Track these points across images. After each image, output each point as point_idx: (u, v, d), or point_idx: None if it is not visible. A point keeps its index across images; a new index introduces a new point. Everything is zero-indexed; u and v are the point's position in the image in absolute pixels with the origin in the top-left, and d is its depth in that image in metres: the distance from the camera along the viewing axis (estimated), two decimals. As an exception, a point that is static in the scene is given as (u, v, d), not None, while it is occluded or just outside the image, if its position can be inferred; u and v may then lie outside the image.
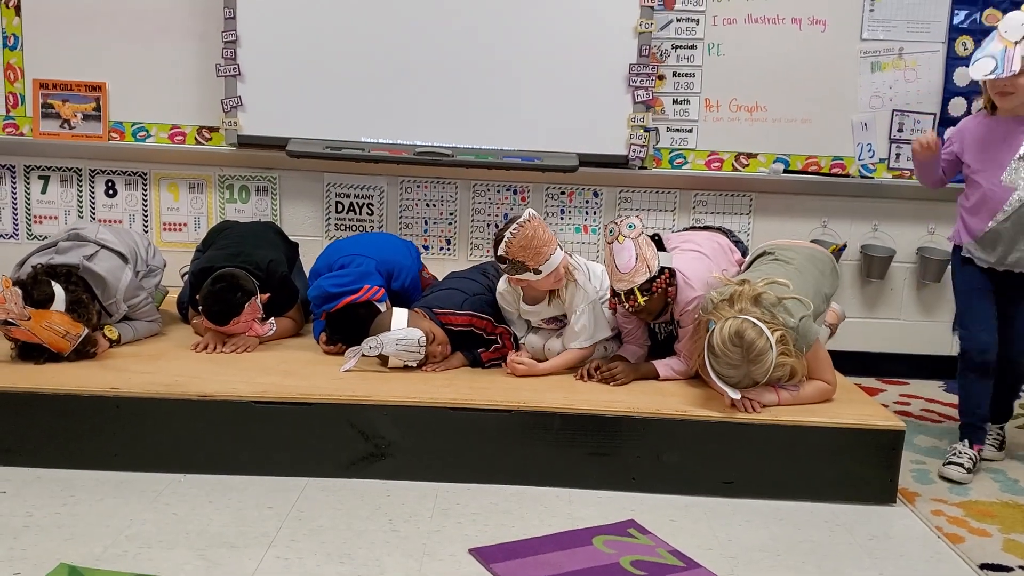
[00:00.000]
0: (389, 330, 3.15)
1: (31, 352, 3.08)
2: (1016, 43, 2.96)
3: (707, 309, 2.98)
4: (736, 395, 2.84)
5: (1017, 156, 3.07)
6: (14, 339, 3.08)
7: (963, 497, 3.04)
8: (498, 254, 3.15)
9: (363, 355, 3.14)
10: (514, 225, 3.11)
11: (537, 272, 3.14)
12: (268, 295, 3.40)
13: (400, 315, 3.21)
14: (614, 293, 3.17)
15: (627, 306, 3.13)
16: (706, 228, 3.80)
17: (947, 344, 4.49)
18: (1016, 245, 3.14)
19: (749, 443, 2.91)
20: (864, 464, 2.92)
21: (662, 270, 3.11)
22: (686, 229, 3.95)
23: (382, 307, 3.33)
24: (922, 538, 2.73)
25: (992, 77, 3.01)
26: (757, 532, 2.71)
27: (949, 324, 4.46)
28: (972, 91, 4.26)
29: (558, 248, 3.17)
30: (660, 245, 3.22)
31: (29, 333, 3.02)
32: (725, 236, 3.61)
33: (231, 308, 3.26)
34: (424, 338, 3.16)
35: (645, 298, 3.09)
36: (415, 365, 3.20)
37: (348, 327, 3.30)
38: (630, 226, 3.10)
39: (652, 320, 3.31)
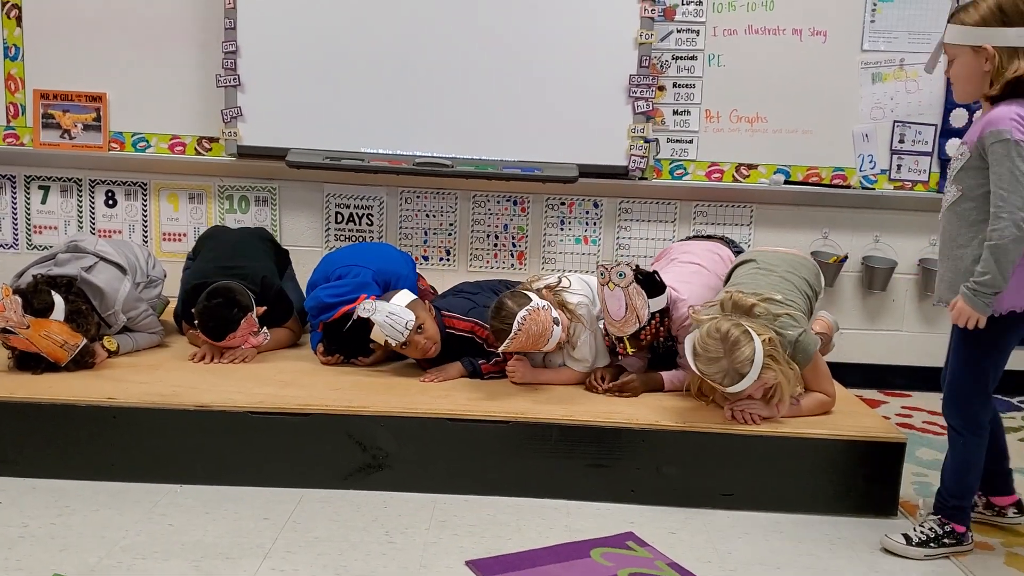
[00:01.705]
0: (388, 302, 3.17)
1: (29, 361, 3.08)
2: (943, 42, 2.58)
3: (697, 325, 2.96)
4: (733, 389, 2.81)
5: (952, 167, 2.61)
6: (12, 348, 3.08)
7: (965, 510, 3.02)
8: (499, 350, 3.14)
9: (357, 315, 3.15)
10: (507, 339, 3.04)
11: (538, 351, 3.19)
12: (264, 308, 3.39)
13: (405, 295, 3.22)
14: (606, 332, 3.18)
15: (617, 350, 3.17)
16: (708, 238, 3.78)
17: (949, 356, 4.46)
18: (940, 275, 2.63)
19: (749, 455, 2.89)
20: (865, 476, 2.90)
21: (652, 316, 3.08)
22: (689, 238, 3.94)
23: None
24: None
25: (927, 70, 2.70)
26: (757, 545, 2.68)
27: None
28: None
29: (556, 326, 3.11)
30: (653, 285, 3.09)
31: (27, 342, 3.01)
32: (727, 247, 3.59)
33: (227, 324, 3.26)
34: (413, 322, 3.14)
35: (633, 349, 3.12)
36: (395, 345, 3.18)
37: (346, 337, 3.29)
38: (620, 275, 3.03)
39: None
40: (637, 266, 3.07)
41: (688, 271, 3.33)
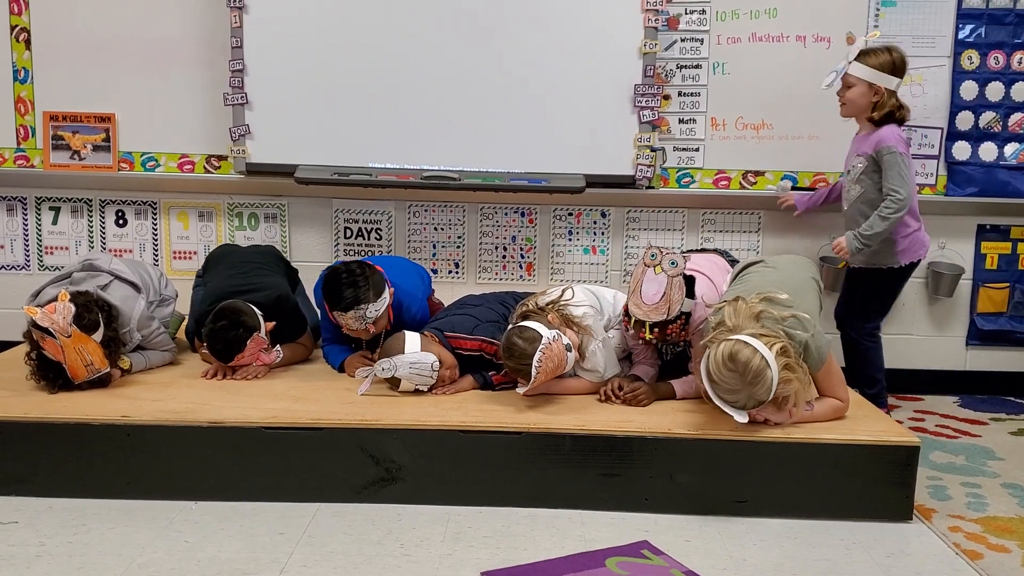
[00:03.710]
0: (402, 353, 3.15)
1: (49, 371, 3.09)
2: (849, 61, 3.68)
3: (705, 335, 2.95)
4: (743, 418, 2.78)
5: (851, 172, 3.82)
6: (38, 350, 3.09)
7: (981, 513, 3.01)
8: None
9: (376, 376, 3.14)
10: (528, 384, 3.01)
11: None
12: (274, 323, 3.40)
13: (413, 339, 3.20)
14: (627, 312, 3.15)
15: (633, 331, 3.14)
16: (702, 251, 3.81)
17: (961, 359, 4.46)
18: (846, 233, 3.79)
19: (762, 461, 2.89)
20: (879, 481, 2.89)
21: (679, 316, 3.09)
22: (684, 252, 3.94)
23: (387, 289, 3.34)
24: (940, 555, 2.70)
25: (825, 87, 3.76)
26: (772, 551, 2.68)
27: (962, 339, 4.45)
28: (980, 105, 4.25)
29: (569, 352, 3.08)
30: (690, 288, 3.13)
31: (59, 350, 3.03)
32: (721, 257, 3.60)
33: (233, 345, 3.27)
34: (437, 363, 3.16)
35: (651, 336, 3.10)
36: (426, 389, 3.19)
37: (335, 287, 3.29)
38: (672, 263, 3.04)
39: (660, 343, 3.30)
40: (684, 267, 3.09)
41: None
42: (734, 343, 2.74)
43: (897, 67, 3.67)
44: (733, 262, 3.60)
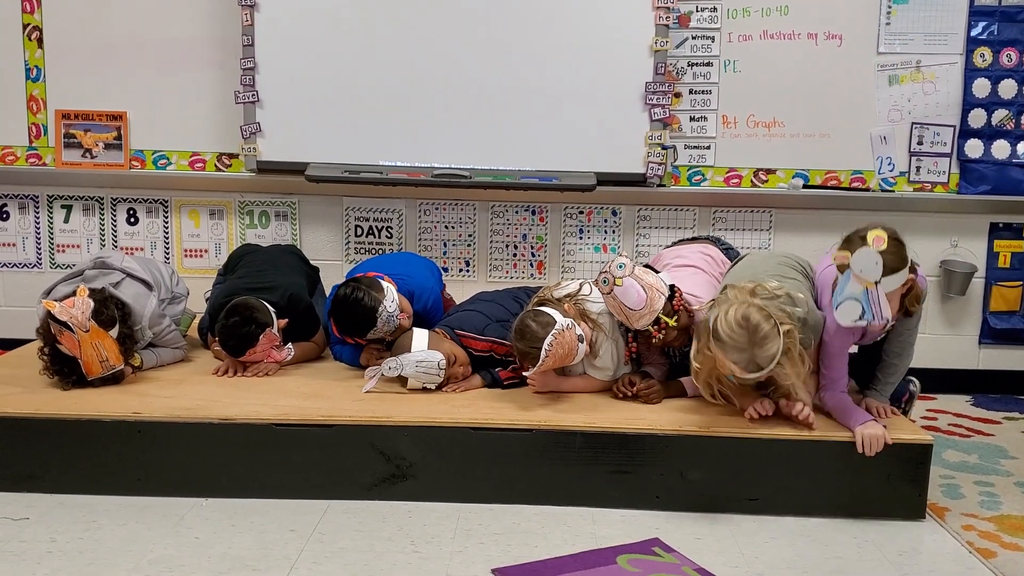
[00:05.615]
0: (409, 351, 3.15)
1: (64, 366, 3.10)
2: (876, 283, 2.73)
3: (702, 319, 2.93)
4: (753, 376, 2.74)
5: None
6: (53, 345, 3.09)
7: (995, 511, 2.99)
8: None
9: (383, 375, 3.14)
10: (535, 366, 3.00)
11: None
12: (286, 320, 3.41)
13: (421, 336, 3.20)
14: (638, 334, 3.12)
15: (658, 337, 3.06)
16: (694, 240, 3.77)
17: (974, 358, 4.43)
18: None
19: (774, 459, 2.88)
20: (892, 479, 2.88)
21: (672, 288, 3.08)
22: (677, 243, 3.92)
23: (384, 283, 3.31)
24: (953, 554, 2.69)
25: (864, 323, 2.79)
26: (783, 549, 2.67)
27: (975, 338, 4.42)
28: (992, 102, 4.23)
29: (580, 343, 3.06)
30: (650, 267, 3.15)
31: (76, 344, 3.04)
32: (714, 245, 3.57)
33: (245, 341, 3.28)
34: (444, 361, 3.15)
35: (674, 320, 3.05)
36: (433, 388, 3.19)
37: (345, 315, 3.27)
38: (620, 266, 3.02)
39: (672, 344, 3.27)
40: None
41: (685, 274, 3.30)
42: (748, 306, 2.73)
43: (907, 249, 2.85)
44: (727, 249, 3.58)
